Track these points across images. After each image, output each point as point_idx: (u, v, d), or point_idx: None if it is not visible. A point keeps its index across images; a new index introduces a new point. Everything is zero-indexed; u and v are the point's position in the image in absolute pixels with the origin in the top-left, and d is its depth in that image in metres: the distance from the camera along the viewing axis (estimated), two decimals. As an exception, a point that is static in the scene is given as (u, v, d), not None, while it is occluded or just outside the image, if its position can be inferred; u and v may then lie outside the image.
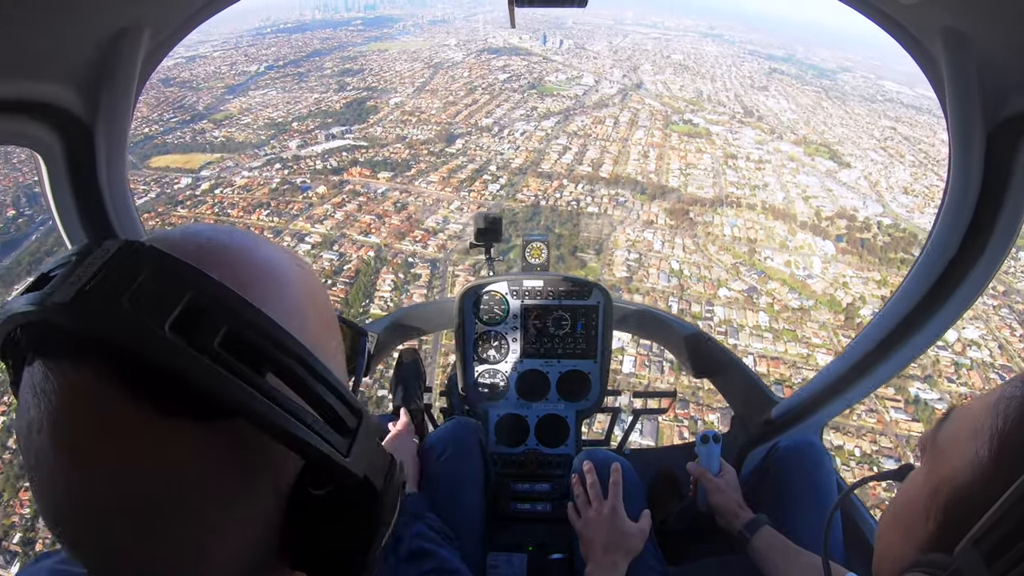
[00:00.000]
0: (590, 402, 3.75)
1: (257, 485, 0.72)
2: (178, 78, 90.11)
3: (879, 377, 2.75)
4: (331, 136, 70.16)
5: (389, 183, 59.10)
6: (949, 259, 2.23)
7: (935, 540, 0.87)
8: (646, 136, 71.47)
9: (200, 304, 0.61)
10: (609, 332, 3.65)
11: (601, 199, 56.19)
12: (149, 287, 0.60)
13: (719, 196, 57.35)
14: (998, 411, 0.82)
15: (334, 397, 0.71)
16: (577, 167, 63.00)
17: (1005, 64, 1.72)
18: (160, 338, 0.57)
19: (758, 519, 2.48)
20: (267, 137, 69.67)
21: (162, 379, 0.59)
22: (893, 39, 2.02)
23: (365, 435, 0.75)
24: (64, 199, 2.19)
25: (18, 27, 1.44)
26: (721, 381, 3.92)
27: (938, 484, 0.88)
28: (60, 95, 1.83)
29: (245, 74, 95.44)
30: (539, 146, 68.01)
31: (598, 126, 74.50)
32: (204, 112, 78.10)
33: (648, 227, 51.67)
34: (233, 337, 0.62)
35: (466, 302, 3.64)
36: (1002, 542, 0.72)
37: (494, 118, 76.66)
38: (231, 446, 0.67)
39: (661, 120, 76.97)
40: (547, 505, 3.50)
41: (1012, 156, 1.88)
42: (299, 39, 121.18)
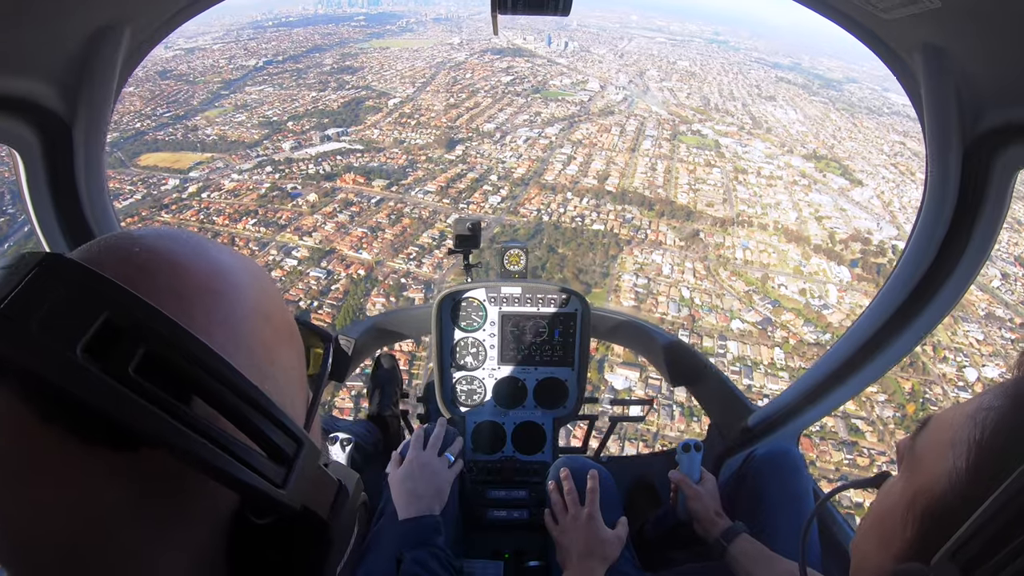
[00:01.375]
0: (567, 409, 3.69)
1: (189, 517, 0.67)
2: (175, 71, 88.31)
3: (855, 385, 2.74)
4: (326, 138, 67.53)
5: (384, 192, 56.00)
6: (925, 270, 2.25)
7: (912, 549, 0.86)
8: (653, 147, 69.08)
9: (117, 324, 0.55)
10: (587, 340, 3.58)
11: (607, 215, 53.33)
12: (62, 307, 0.54)
13: (730, 215, 54.78)
14: (976, 421, 0.82)
15: (270, 424, 0.65)
16: (582, 179, 60.15)
17: (982, 80, 1.75)
18: (68, 363, 0.52)
19: (735, 527, 2.42)
20: (260, 137, 67.34)
21: (76, 407, 0.53)
22: (874, 54, 2.05)
23: (305, 463, 0.70)
24: (41, 198, 2.13)
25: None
26: (699, 389, 3.87)
27: (915, 493, 0.87)
28: (39, 92, 1.81)
29: (243, 69, 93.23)
30: (542, 155, 65.18)
31: (604, 135, 71.90)
32: (199, 108, 75.87)
33: (656, 247, 49.02)
34: (152, 360, 0.56)
35: (444, 308, 3.54)
36: (979, 554, 0.72)
37: (496, 123, 74.05)
38: (156, 477, 0.63)
39: (668, 130, 74.74)
40: (524, 512, 3.40)
41: (988, 169, 1.92)
42: (300, 33, 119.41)
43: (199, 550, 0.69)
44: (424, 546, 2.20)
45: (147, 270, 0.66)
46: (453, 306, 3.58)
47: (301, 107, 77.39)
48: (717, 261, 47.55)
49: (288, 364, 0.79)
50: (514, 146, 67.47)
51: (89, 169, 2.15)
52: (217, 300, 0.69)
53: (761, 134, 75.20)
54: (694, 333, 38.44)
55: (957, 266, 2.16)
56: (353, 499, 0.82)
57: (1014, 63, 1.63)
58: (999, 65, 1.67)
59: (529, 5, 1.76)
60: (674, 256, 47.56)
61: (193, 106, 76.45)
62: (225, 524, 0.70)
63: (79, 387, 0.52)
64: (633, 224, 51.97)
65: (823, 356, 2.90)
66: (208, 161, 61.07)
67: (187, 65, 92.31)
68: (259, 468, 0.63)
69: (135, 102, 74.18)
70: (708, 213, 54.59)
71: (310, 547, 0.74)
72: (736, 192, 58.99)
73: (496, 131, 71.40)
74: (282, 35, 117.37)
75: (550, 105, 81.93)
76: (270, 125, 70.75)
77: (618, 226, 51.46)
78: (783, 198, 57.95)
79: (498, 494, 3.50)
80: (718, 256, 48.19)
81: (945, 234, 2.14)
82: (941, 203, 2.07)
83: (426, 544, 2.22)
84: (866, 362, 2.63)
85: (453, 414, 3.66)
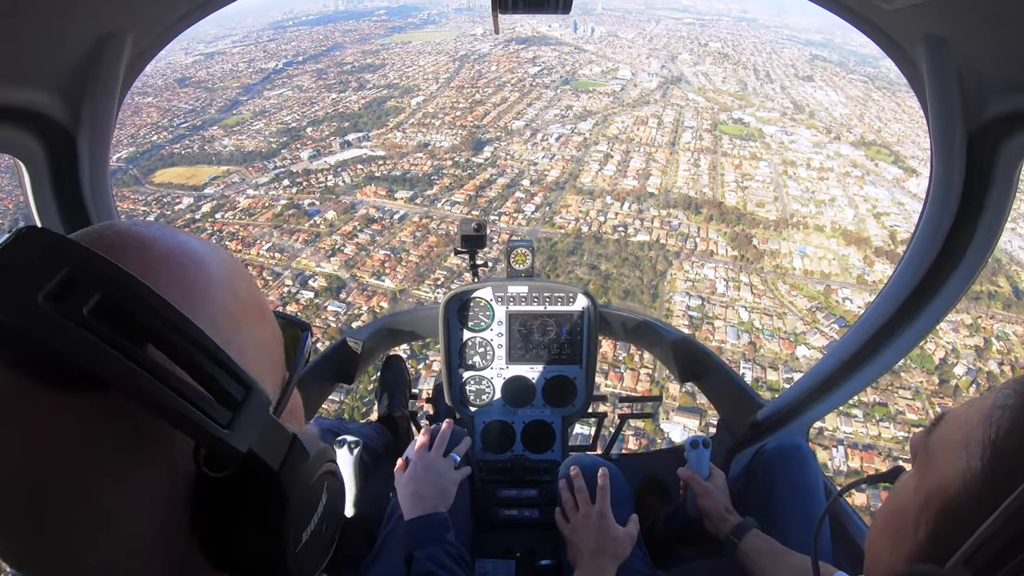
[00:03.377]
0: (576, 407, 3.65)
1: (147, 461, 0.68)
2: (194, 77, 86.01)
3: (864, 379, 2.72)
4: (347, 144, 63.40)
5: (408, 205, 50.94)
6: (932, 260, 2.22)
7: (925, 550, 0.84)
8: (694, 139, 63.61)
9: (75, 277, 0.58)
10: (594, 337, 3.53)
11: (651, 222, 47.65)
12: (27, 264, 0.58)
13: (783, 216, 49.31)
14: (991, 421, 0.80)
15: (219, 369, 0.67)
16: (621, 180, 54.37)
17: (985, 68, 1.74)
18: (28, 307, 0.55)
19: (746, 523, 2.40)
20: (278, 145, 63.63)
21: (36, 350, 0.57)
22: (876, 45, 2.03)
23: (254, 409, 0.70)
24: (46, 207, 2.11)
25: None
26: (707, 385, 3.85)
27: (929, 492, 0.85)
28: (42, 101, 1.80)
29: (263, 72, 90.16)
30: (577, 154, 59.80)
31: (640, 127, 66.29)
32: (216, 116, 72.90)
33: (708, 259, 43.70)
34: (107, 306, 0.59)
35: (451, 309, 3.51)
36: (993, 560, 0.71)
37: (525, 119, 68.87)
38: (114, 419, 0.64)
39: (708, 119, 69.45)
40: (534, 511, 3.39)
41: (992, 158, 1.90)
42: (320, 32, 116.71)
43: (164, 504, 0.70)
44: (435, 543, 2.18)
45: (116, 245, 0.69)
46: (460, 306, 3.52)
47: (321, 110, 73.55)
48: (775, 272, 42.34)
49: (257, 338, 0.80)
50: (546, 145, 62.06)
51: (94, 178, 2.09)
52: (181, 270, 0.72)
53: (805, 119, 70.03)
54: (757, 364, 33.63)
55: (964, 256, 2.11)
56: (314, 462, 0.81)
57: (1017, 51, 1.60)
58: (1002, 53, 1.64)
59: (529, 4, 1.77)
60: (728, 270, 42.30)
61: (211, 115, 73.44)
62: (186, 478, 0.70)
63: (37, 328, 0.54)
64: (681, 232, 46.43)
65: (831, 349, 2.85)
66: (224, 176, 57.53)
67: (206, 71, 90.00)
68: (204, 409, 0.64)
69: (152, 113, 71.88)
70: (759, 215, 49.19)
71: (261, 499, 0.74)
72: (787, 188, 53.41)
73: (526, 128, 66.18)
74: (302, 34, 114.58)
75: (581, 97, 76.56)
76: (288, 132, 67.04)
77: (664, 235, 45.88)
78: (837, 193, 52.59)
79: (509, 493, 3.47)
80: (775, 266, 42.95)
81: (951, 224, 2.09)
82: (946, 193, 2.03)
83: (437, 541, 2.19)
84: (875, 355, 2.58)
85: (462, 414, 3.63)
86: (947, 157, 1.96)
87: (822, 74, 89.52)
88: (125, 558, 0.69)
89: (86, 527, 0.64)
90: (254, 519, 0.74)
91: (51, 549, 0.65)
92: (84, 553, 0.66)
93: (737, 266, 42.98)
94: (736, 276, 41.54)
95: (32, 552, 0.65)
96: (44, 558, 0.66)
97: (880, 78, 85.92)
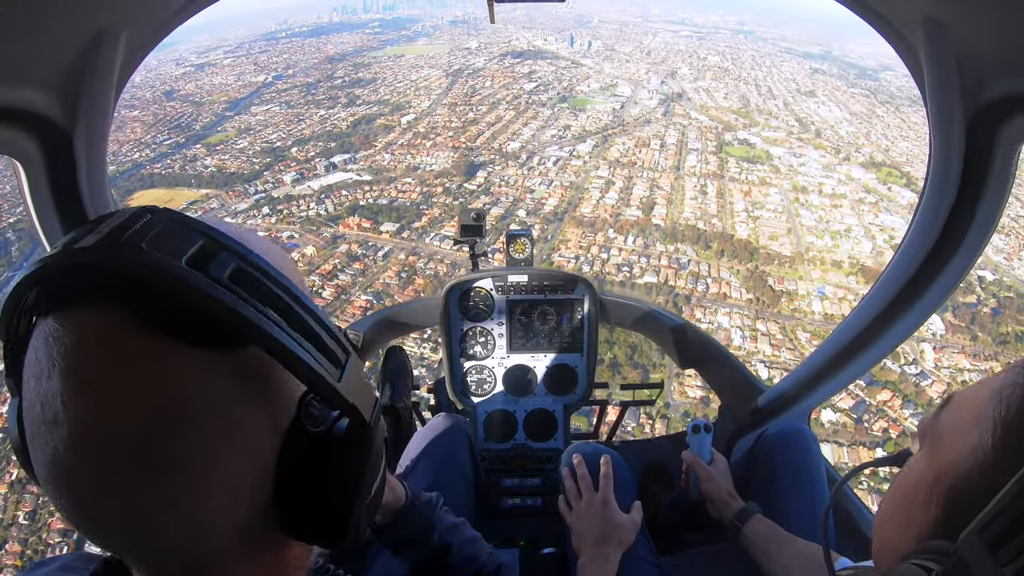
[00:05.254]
0: (577, 395, 3.70)
1: (257, 415, 0.73)
2: (182, 90, 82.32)
3: (864, 363, 2.72)
4: (332, 166, 58.70)
5: (394, 239, 46.20)
6: (931, 245, 2.21)
7: (937, 528, 0.84)
8: (699, 162, 59.21)
9: (211, 248, 0.66)
10: (595, 325, 3.59)
11: (658, 259, 43.18)
12: (167, 233, 0.65)
13: (798, 250, 45.09)
14: (1001, 397, 0.80)
15: (326, 332, 0.75)
16: (624, 210, 49.62)
17: (984, 51, 1.73)
18: (178, 267, 0.62)
19: (749, 507, 2.41)
20: (261, 167, 59.22)
21: (177, 307, 0.63)
22: (874, 30, 2.02)
23: (354, 369, 0.78)
24: (45, 207, 2.11)
25: None
26: (708, 371, 3.86)
27: (939, 471, 0.85)
28: (38, 101, 1.80)
29: (252, 85, 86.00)
30: (576, 179, 55.26)
31: (643, 149, 61.78)
32: (200, 133, 68.89)
33: (721, 303, 39.24)
34: (241, 273, 0.67)
35: (451, 299, 3.57)
36: (1007, 530, 0.70)
37: (521, 141, 64.18)
38: (237, 374, 0.70)
39: (713, 139, 65.42)
40: (537, 499, 3.43)
41: (991, 142, 1.89)
42: (313, 44, 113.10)
43: (261, 456, 0.75)
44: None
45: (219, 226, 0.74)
46: (460, 296, 3.57)
47: (308, 128, 69.20)
48: (793, 318, 38.16)
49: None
50: (543, 169, 57.44)
51: (91, 177, 2.08)
52: (273, 251, 0.82)
53: (811, 139, 66.40)
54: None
55: (964, 240, 2.10)
56: (383, 425, 0.89)
57: (1015, 33, 1.58)
58: (1001, 36, 1.63)
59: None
60: (743, 316, 37.95)
61: (195, 131, 69.25)
62: (281, 434, 0.76)
63: (187, 288, 0.61)
64: (691, 272, 41.88)
65: (832, 334, 2.81)
66: (203, 200, 53.43)
67: (195, 84, 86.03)
68: (323, 364, 0.72)
69: (136, 128, 67.92)
70: (773, 250, 44.88)
71: (349, 452, 0.81)
72: (800, 218, 49.14)
73: (521, 151, 61.46)
74: (294, 47, 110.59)
75: (579, 116, 72.04)
76: (272, 152, 62.53)
77: (673, 275, 41.22)
78: (852, 222, 48.71)
79: (512, 482, 3.48)
80: (792, 311, 38.85)
81: (951, 208, 2.08)
82: (945, 177, 2.02)
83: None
84: (875, 339, 2.57)
85: (464, 404, 3.67)
86: (945, 141, 1.94)
87: (824, 89, 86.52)
88: (216, 510, 0.72)
89: (192, 469, 0.68)
90: (339, 470, 0.80)
91: (153, 492, 0.67)
92: (182, 498, 0.68)
93: (753, 311, 38.72)
94: (752, 324, 37.30)
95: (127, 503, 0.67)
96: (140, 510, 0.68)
97: (881, 91, 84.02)
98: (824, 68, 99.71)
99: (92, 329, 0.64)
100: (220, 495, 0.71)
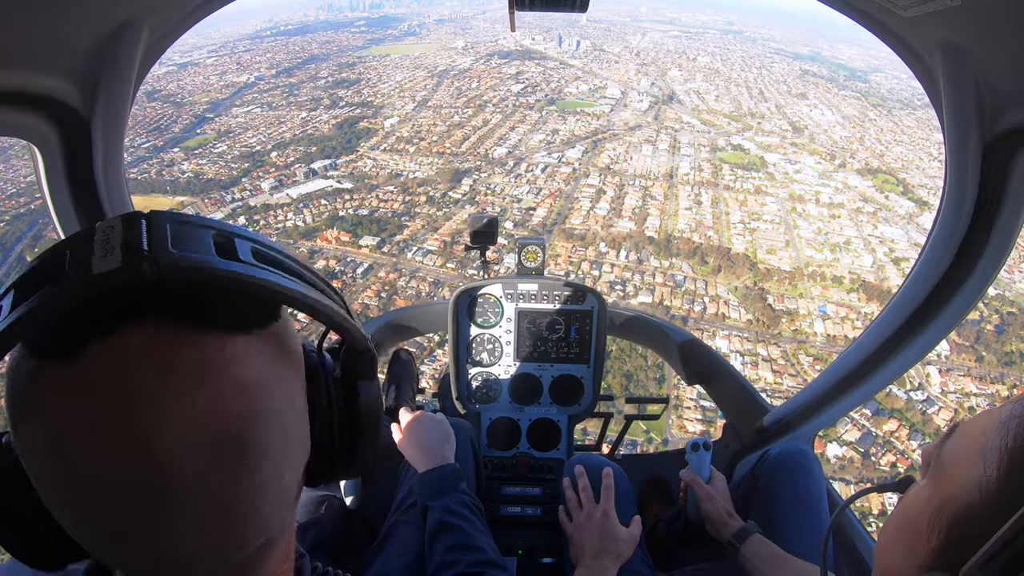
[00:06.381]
0: (582, 407, 3.61)
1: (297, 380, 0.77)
2: (164, 90, 79.24)
3: (872, 387, 2.69)
4: (312, 173, 56.04)
5: (374, 254, 43.48)
6: (944, 271, 2.20)
7: (937, 559, 0.83)
8: (693, 170, 57.09)
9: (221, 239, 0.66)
10: (603, 337, 3.50)
11: (653, 276, 40.82)
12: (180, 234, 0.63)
13: (797, 265, 43.08)
14: (1007, 429, 0.78)
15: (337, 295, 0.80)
16: (616, 221, 47.18)
17: (1003, 79, 1.72)
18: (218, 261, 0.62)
19: (748, 527, 2.38)
20: (239, 173, 56.56)
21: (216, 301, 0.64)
22: (893, 51, 2.00)
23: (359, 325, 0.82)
24: (60, 192, 2.12)
25: (18, 19, 1.46)
26: (714, 388, 3.78)
27: (942, 502, 0.84)
28: (59, 88, 1.80)
29: (234, 86, 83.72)
30: (565, 187, 52.73)
31: (634, 156, 59.56)
32: (180, 135, 66.34)
33: (720, 325, 37.11)
34: (260, 252, 0.68)
35: (460, 304, 3.49)
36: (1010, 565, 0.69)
37: (508, 146, 61.89)
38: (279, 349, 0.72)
39: (706, 145, 63.62)
40: (537, 509, 3.33)
41: (1007, 169, 1.88)
42: (298, 42, 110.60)
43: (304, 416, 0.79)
44: (449, 492, 2.17)
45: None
46: (470, 302, 3.49)
47: (288, 131, 66.64)
48: (794, 340, 36.19)
49: None
50: (531, 177, 54.94)
51: (108, 164, 2.09)
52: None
53: (806, 144, 65.23)
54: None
55: (976, 266, 2.09)
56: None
57: None
58: (1019, 64, 1.62)
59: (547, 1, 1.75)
60: (743, 340, 35.86)
61: (175, 133, 66.76)
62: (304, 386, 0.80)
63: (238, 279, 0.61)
64: (687, 290, 39.66)
65: (840, 356, 2.79)
66: (179, 208, 49.32)
67: (177, 83, 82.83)
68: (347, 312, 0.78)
69: None
70: (772, 265, 42.74)
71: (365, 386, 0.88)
72: (798, 230, 47.17)
73: (508, 157, 59.08)
74: (279, 45, 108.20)
75: (568, 119, 69.64)
76: (251, 157, 59.86)
77: (668, 293, 39.00)
78: (851, 233, 47.14)
79: (512, 490, 3.40)
80: (794, 331, 36.87)
81: (964, 234, 2.07)
82: (960, 203, 2.00)
83: (451, 490, 2.18)
84: (884, 363, 2.55)
85: (468, 409, 3.62)
86: (961, 167, 1.93)
87: (815, 91, 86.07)
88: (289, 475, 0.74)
89: (278, 452, 0.69)
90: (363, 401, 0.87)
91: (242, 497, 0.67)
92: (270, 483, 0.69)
93: (753, 334, 36.60)
94: (753, 348, 35.24)
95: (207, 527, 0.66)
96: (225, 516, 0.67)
97: (872, 94, 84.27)
98: (814, 69, 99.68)
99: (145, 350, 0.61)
100: (297, 471, 0.75)
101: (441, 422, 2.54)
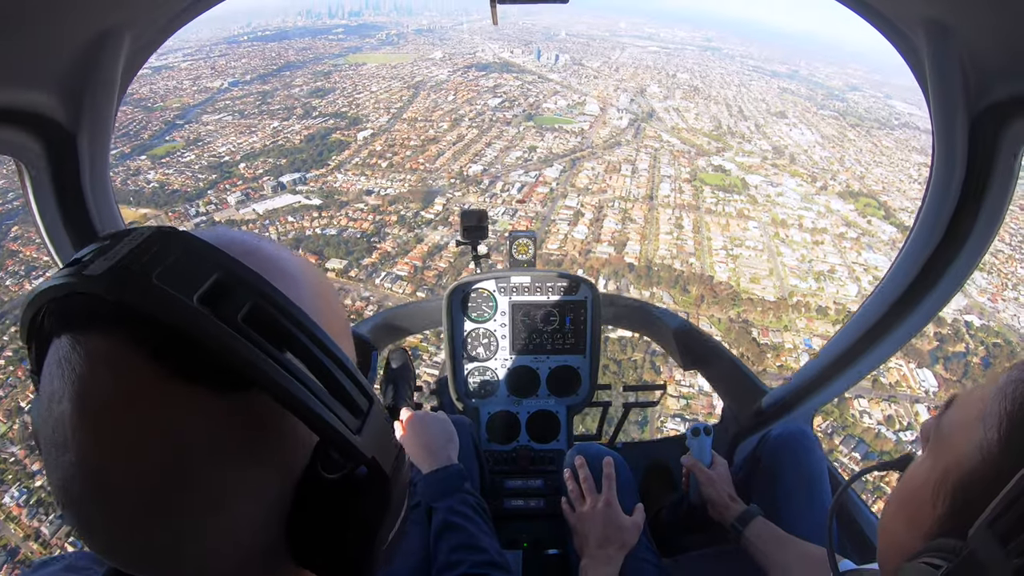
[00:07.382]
0: (580, 397, 3.61)
1: (268, 463, 0.70)
2: (136, 94, 75.42)
3: (868, 364, 2.70)
4: (280, 187, 52.96)
5: (341, 280, 40.46)
6: (935, 246, 2.19)
7: (943, 526, 0.83)
8: (673, 192, 54.92)
9: (226, 283, 0.62)
10: (598, 326, 3.49)
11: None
12: (179, 265, 0.61)
13: (781, 295, 41.07)
14: (1006, 394, 0.79)
15: (348, 380, 0.70)
16: (595, 247, 44.80)
17: (987, 53, 1.72)
18: (187, 307, 0.58)
19: (750, 510, 2.39)
20: (206, 185, 53.59)
21: (186, 347, 0.59)
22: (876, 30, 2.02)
23: (375, 419, 0.74)
24: (48, 207, 2.10)
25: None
26: (711, 372, 3.76)
27: (945, 469, 0.84)
28: (41, 102, 1.77)
29: (207, 91, 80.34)
30: (542, 209, 50.27)
31: (613, 176, 57.36)
32: (147, 143, 63.06)
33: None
34: (257, 313, 0.62)
35: (454, 300, 3.46)
36: (1017, 522, 0.69)
37: (484, 163, 59.35)
38: (246, 421, 0.67)
39: (686, 165, 61.72)
40: (540, 501, 3.32)
41: (994, 143, 1.88)
42: (275, 48, 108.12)
43: (271, 500, 0.71)
44: (454, 493, 2.14)
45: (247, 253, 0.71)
46: (463, 298, 3.46)
47: (259, 142, 63.51)
48: (780, 376, 33.26)
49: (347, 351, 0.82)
50: (507, 197, 52.48)
51: (94, 177, 2.07)
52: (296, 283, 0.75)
53: (787, 165, 63.93)
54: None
55: (966, 242, 2.09)
56: (407, 470, 0.84)
57: (1019, 36, 1.58)
58: (1004, 39, 1.62)
59: None
60: None
61: (143, 140, 63.57)
62: (295, 480, 0.72)
63: (196, 327, 0.57)
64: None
65: (835, 336, 2.78)
66: (140, 221, 45.53)
67: (150, 87, 79.44)
68: (340, 415, 0.67)
69: None
70: (755, 295, 40.78)
71: (371, 505, 0.77)
72: (781, 257, 45.26)
73: (484, 175, 56.61)
74: (255, 51, 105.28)
75: (546, 136, 67.31)
76: (219, 168, 56.95)
77: (650, 326, 35.68)
78: (835, 260, 45.45)
79: (514, 483, 3.39)
80: (779, 367, 34.84)
81: (953, 211, 2.07)
82: (948, 179, 2.01)
83: (455, 491, 2.15)
84: (878, 340, 2.55)
85: (467, 405, 3.60)
86: (949, 143, 1.93)
87: (794, 110, 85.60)
88: (226, 548, 0.70)
89: (199, 516, 0.66)
90: (357, 519, 0.76)
91: (160, 534, 0.65)
92: (189, 542, 0.67)
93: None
94: None
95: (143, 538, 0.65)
96: (150, 547, 0.66)
97: (850, 113, 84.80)
98: (792, 88, 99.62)
99: (102, 359, 0.61)
100: (227, 539, 0.69)
101: (444, 421, 2.51)
